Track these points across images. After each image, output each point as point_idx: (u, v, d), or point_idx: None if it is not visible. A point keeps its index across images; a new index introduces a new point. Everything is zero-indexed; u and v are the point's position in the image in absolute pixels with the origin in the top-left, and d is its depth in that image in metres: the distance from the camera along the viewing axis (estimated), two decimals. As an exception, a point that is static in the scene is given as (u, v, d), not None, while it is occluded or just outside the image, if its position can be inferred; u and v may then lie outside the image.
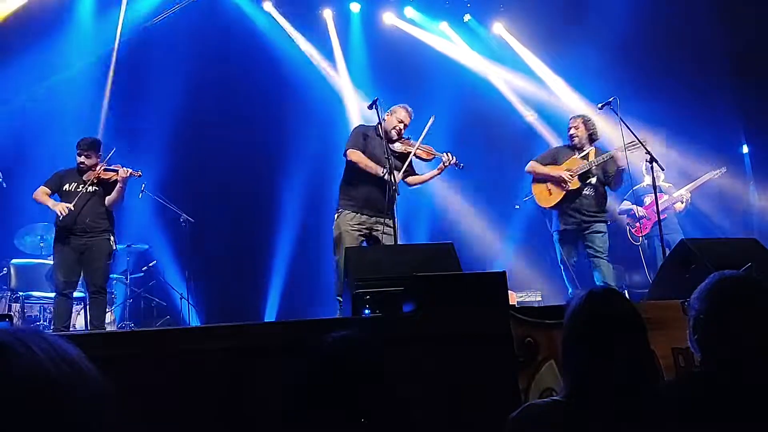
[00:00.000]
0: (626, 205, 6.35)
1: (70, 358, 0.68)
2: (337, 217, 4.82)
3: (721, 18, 7.50)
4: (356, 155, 4.75)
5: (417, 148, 4.84)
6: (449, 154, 4.80)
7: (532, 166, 5.50)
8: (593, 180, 5.31)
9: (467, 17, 8.80)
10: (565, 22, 8.18)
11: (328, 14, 8.41)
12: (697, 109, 7.45)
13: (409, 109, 4.94)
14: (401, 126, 4.84)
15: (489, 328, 2.70)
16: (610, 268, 5.29)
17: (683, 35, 7.58)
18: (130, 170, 5.09)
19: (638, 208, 6.18)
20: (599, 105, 5.57)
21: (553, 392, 2.53)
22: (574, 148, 5.44)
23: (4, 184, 5.82)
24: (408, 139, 4.95)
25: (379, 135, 4.84)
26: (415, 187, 5.12)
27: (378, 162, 4.72)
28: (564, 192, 5.32)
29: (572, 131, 5.43)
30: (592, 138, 5.41)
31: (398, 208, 4.74)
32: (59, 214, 4.91)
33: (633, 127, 5.30)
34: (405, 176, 4.91)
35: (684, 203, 6.07)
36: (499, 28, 8.75)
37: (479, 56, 8.81)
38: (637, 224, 6.18)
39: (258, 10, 8.18)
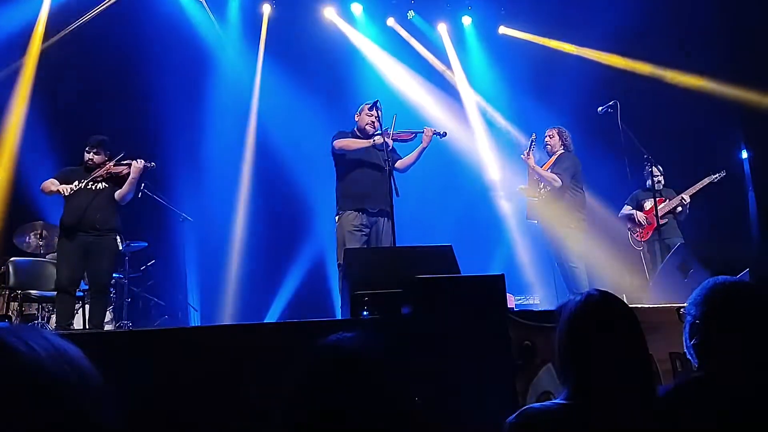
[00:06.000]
0: (627, 209, 6.34)
1: (70, 357, 0.68)
2: (338, 218, 4.87)
3: (721, 19, 7.51)
4: (342, 141, 4.91)
5: (396, 133, 4.99)
6: (427, 127, 4.96)
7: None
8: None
9: (467, 20, 8.79)
10: (564, 22, 8.19)
11: (330, 12, 8.41)
12: (696, 113, 7.45)
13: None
14: (373, 119, 4.95)
15: (487, 330, 2.70)
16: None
17: (683, 36, 7.58)
18: (143, 162, 5.05)
19: (639, 213, 6.17)
20: (599, 108, 5.57)
21: (551, 396, 2.53)
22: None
23: None
24: (385, 131, 4.92)
25: (357, 136, 5.02)
26: (406, 170, 5.09)
27: (365, 159, 4.85)
28: None
29: (546, 139, 5.86)
30: (567, 148, 5.76)
31: (398, 208, 4.76)
32: (62, 192, 4.85)
33: (632, 130, 5.30)
34: (393, 163, 4.88)
35: (683, 207, 6.07)
36: (503, 29, 8.77)
37: (477, 57, 8.83)
38: (638, 229, 6.17)
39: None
